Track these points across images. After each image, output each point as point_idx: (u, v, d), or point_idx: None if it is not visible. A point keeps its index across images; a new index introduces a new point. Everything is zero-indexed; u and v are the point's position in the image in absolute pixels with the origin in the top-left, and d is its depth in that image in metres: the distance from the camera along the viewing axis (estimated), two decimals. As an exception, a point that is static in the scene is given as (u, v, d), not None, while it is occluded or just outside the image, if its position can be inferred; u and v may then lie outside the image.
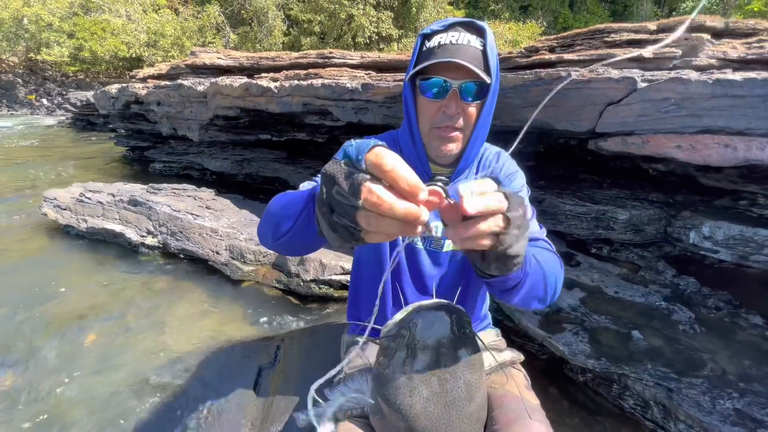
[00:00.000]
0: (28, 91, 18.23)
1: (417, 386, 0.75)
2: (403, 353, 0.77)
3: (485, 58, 0.82)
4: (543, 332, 1.78)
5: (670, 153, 1.49)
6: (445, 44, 0.81)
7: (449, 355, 0.77)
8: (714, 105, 1.36)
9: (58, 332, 2.24)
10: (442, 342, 0.77)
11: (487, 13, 15.99)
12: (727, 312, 2.02)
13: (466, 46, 0.81)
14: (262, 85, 2.96)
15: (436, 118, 0.87)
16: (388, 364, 0.78)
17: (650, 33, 2.17)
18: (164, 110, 4.79)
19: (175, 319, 2.38)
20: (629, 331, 1.78)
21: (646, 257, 2.59)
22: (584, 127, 1.69)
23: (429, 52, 0.83)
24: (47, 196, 3.48)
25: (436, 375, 0.76)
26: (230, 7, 16.67)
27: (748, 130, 1.32)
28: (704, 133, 1.42)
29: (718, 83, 1.34)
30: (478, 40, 0.82)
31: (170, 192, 3.26)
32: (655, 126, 1.52)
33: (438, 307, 0.78)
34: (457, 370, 0.77)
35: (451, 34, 0.81)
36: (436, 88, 0.83)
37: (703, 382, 1.48)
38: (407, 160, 1.01)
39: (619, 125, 1.60)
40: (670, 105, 1.44)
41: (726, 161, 1.37)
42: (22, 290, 2.64)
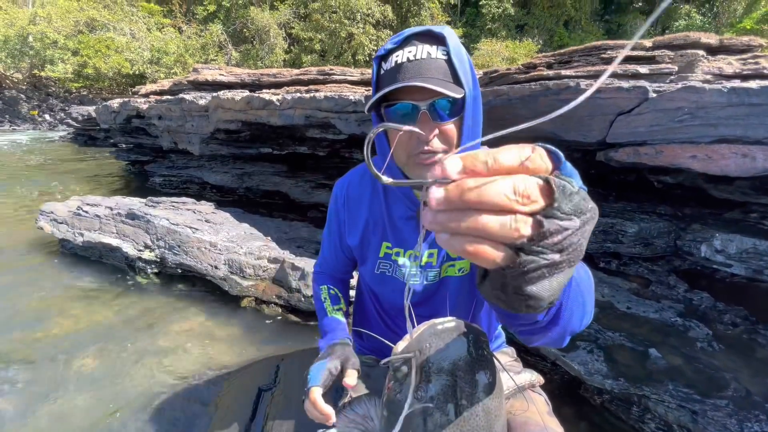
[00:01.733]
0: (31, 107, 18.38)
1: (432, 414, 0.68)
2: (416, 377, 0.70)
3: (452, 68, 0.73)
4: (556, 351, 1.70)
5: (685, 163, 1.45)
6: (402, 63, 0.73)
7: (466, 379, 0.70)
8: (730, 114, 1.33)
9: (50, 354, 2.15)
10: (458, 365, 0.70)
11: (485, 32, 16.30)
12: (744, 328, 1.95)
13: (426, 60, 0.72)
14: (264, 98, 2.94)
15: (411, 146, 0.77)
16: (399, 389, 0.72)
17: (646, 50, 2.18)
18: (165, 124, 4.79)
19: (172, 341, 2.29)
20: (646, 348, 1.71)
21: (656, 271, 2.53)
22: (594, 137, 1.65)
23: (388, 75, 0.75)
24: (44, 209, 3.42)
25: (452, 401, 0.69)
26: (232, 25, 17.00)
27: (766, 139, 1.28)
28: (720, 142, 1.38)
29: (733, 92, 1.31)
30: (440, 49, 0.73)
31: (169, 205, 3.20)
32: (669, 136, 1.48)
33: (453, 326, 0.72)
34: (474, 396, 0.70)
35: (408, 50, 0.73)
36: (402, 113, 0.74)
37: (728, 404, 1.40)
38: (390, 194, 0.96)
39: (631, 135, 1.57)
40: (684, 114, 1.40)
41: (744, 171, 1.32)
42: (13, 310, 2.56)
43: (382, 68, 0.77)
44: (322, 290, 1.06)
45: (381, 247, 0.97)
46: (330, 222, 1.06)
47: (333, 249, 1.07)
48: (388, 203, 0.95)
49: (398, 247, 0.95)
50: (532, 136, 1.87)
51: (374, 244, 0.98)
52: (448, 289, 0.97)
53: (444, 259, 0.94)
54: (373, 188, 0.97)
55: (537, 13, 16.57)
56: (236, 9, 16.69)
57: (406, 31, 0.76)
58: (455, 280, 0.96)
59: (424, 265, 0.95)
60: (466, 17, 17.97)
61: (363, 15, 14.61)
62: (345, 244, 1.02)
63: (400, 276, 0.97)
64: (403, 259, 0.95)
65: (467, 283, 0.96)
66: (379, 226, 0.96)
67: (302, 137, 3.88)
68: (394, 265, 0.97)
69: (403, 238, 0.94)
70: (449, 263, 0.95)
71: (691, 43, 2.05)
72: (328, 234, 1.08)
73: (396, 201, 0.93)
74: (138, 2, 18.03)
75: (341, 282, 1.12)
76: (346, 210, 1.00)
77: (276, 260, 2.56)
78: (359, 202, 0.98)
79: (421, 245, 0.92)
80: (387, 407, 0.73)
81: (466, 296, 0.98)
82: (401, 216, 0.93)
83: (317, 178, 4.44)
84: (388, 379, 0.75)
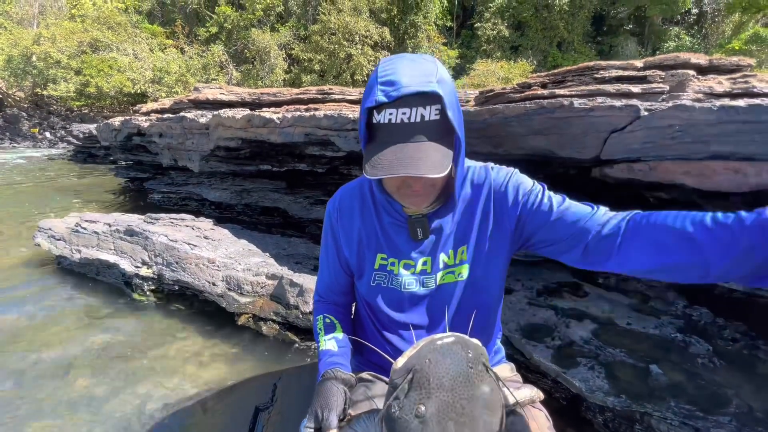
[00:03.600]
0: (32, 125, 18.54)
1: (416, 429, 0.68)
2: (416, 394, 0.70)
3: (444, 119, 0.73)
4: (557, 367, 1.68)
5: (678, 179, 1.47)
6: (396, 123, 0.72)
7: (466, 395, 0.70)
8: (720, 131, 1.37)
9: (44, 373, 2.11)
10: (458, 380, 0.70)
11: (480, 53, 16.70)
12: (744, 344, 1.94)
13: (419, 123, 0.72)
14: (264, 117, 2.99)
15: (401, 190, 0.81)
16: (398, 406, 0.71)
17: (637, 70, 2.24)
18: (166, 141, 4.83)
19: (168, 360, 2.27)
20: (647, 365, 1.70)
21: (654, 287, 2.53)
22: (589, 154, 1.68)
23: (381, 130, 0.75)
24: (42, 226, 3.42)
25: (452, 419, 0.68)
26: (234, 46, 17.38)
27: (757, 155, 1.31)
28: (713, 159, 1.41)
29: (722, 110, 1.35)
30: (434, 108, 0.72)
31: (168, 222, 3.20)
32: (662, 152, 1.51)
33: (452, 341, 0.72)
34: (475, 412, 0.70)
35: (402, 111, 0.71)
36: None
37: (731, 420, 1.39)
38: (379, 205, 0.97)
39: (625, 152, 1.60)
40: (676, 131, 1.44)
41: (737, 187, 1.35)
42: (7, 328, 2.53)
43: (375, 118, 0.75)
44: (318, 321, 1.05)
45: (376, 259, 0.98)
46: (326, 240, 1.05)
47: (331, 269, 1.06)
48: (379, 214, 0.96)
49: (393, 257, 0.96)
50: (528, 154, 1.90)
51: (369, 256, 0.98)
52: (445, 296, 0.97)
53: (441, 267, 0.95)
54: (363, 201, 0.98)
55: (531, 35, 17.02)
56: (238, 31, 17.09)
57: (400, 86, 0.72)
58: (453, 286, 0.97)
59: (418, 272, 0.96)
60: (462, 39, 18.46)
61: (361, 37, 14.99)
62: (343, 257, 1.02)
63: (396, 286, 0.97)
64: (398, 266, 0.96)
65: (466, 289, 0.97)
66: (373, 238, 0.97)
67: (301, 154, 3.92)
68: (389, 276, 0.97)
69: (397, 248, 0.95)
70: (447, 270, 0.96)
71: (681, 64, 2.12)
72: (325, 253, 1.07)
73: (386, 215, 0.95)
74: (141, 24, 18.45)
75: (342, 307, 1.10)
76: (340, 225, 1.00)
77: (274, 276, 2.56)
78: (351, 216, 0.99)
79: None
80: (386, 425, 0.72)
81: (464, 303, 0.98)
82: (393, 228, 0.95)
83: (316, 194, 4.46)
84: (386, 395, 0.75)
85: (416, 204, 0.86)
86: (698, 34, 18.48)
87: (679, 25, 18.93)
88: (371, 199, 0.97)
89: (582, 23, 17.09)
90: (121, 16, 17.34)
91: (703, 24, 18.63)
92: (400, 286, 0.96)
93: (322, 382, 0.89)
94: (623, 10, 18.05)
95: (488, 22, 16.73)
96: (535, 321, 2.10)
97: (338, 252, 1.03)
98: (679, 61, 2.14)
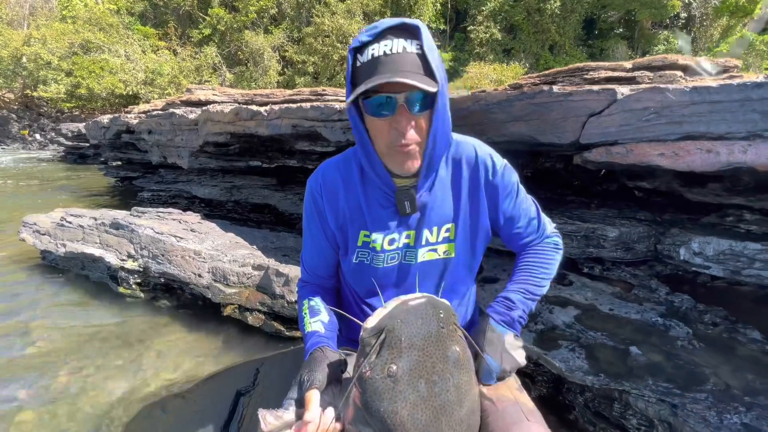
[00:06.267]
0: (21, 126, 18.34)
1: (402, 391, 0.67)
2: (387, 354, 0.69)
3: (425, 61, 0.76)
4: (538, 349, 1.70)
5: (654, 161, 1.50)
6: (379, 56, 0.76)
7: (437, 355, 0.70)
8: (693, 111, 1.39)
9: (26, 369, 2.08)
10: (429, 340, 0.70)
11: (473, 56, 16.84)
12: (724, 328, 1.96)
13: (402, 54, 0.75)
14: (252, 109, 3.00)
15: (391, 137, 0.83)
16: (370, 366, 0.71)
17: (626, 71, 2.28)
18: (155, 138, 4.81)
19: (154, 352, 2.25)
20: (627, 347, 1.71)
21: (638, 276, 2.55)
22: (568, 138, 1.71)
23: (365, 68, 0.78)
24: (27, 221, 3.38)
25: (423, 377, 0.68)
26: (227, 48, 17.36)
27: (728, 134, 1.34)
28: (686, 139, 1.44)
29: (695, 91, 1.37)
30: (414, 43, 0.76)
31: (154, 215, 3.18)
32: (638, 135, 1.54)
33: (423, 302, 0.72)
34: (445, 371, 0.70)
35: (384, 44, 0.76)
36: (381, 105, 0.79)
37: (707, 397, 1.40)
38: (367, 177, 0.98)
39: (603, 135, 1.63)
40: (651, 113, 1.47)
41: (710, 166, 1.38)
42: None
43: (358, 60, 0.79)
44: (303, 305, 1.02)
45: (359, 236, 0.98)
46: (310, 216, 1.04)
47: (316, 245, 1.05)
48: (365, 189, 0.96)
49: (376, 232, 0.96)
50: (508, 140, 1.93)
51: (352, 233, 0.98)
52: (426, 272, 0.98)
53: (423, 243, 0.96)
54: (349, 176, 0.98)
55: (523, 38, 17.21)
56: (231, 32, 17.08)
57: (381, 23, 0.78)
58: (433, 263, 0.98)
59: (401, 246, 0.96)
60: (455, 42, 18.60)
61: (355, 38, 15.02)
62: (330, 231, 1.01)
63: (378, 263, 0.98)
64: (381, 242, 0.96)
65: (447, 267, 0.98)
66: (357, 214, 0.97)
67: (291, 150, 3.92)
68: (371, 253, 0.97)
69: (381, 224, 0.96)
70: (429, 247, 0.96)
71: (669, 65, 2.16)
72: (309, 231, 1.05)
73: (374, 188, 0.95)
74: (133, 25, 18.38)
75: (328, 292, 1.09)
76: (326, 200, 0.99)
77: (260, 267, 2.55)
78: (336, 191, 0.98)
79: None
80: (359, 385, 0.72)
81: (443, 280, 0.98)
82: (379, 202, 0.95)
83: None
84: (358, 356, 0.75)
85: (410, 165, 0.86)
86: (687, 37, 18.80)
87: (669, 29, 19.24)
88: (358, 174, 0.97)
89: (573, 27, 17.31)
90: (112, 17, 17.25)
91: (692, 27, 18.96)
92: (383, 262, 0.97)
93: (307, 363, 0.87)
94: (613, 14, 18.30)
95: (481, 26, 16.89)
96: (519, 308, 2.11)
97: (324, 227, 1.01)
98: (667, 62, 2.19)
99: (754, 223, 2.25)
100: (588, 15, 17.73)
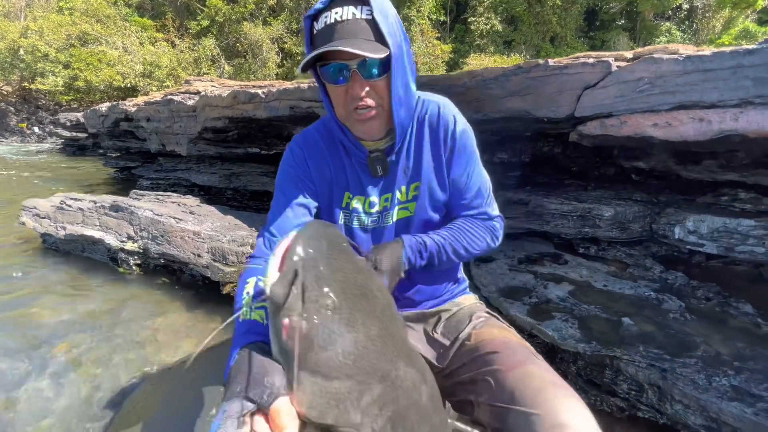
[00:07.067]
0: (19, 119, 18.28)
1: (350, 315, 0.59)
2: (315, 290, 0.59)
3: (375, 27, 0.78)
4: (532, 320, 1.72)
5: (647, 132, 1.51)
6: (330, 24, 0.78)
7: (354, 268, 0.65)
8: (686, 81, 1.41)
9: (27, 348, 2.10)
10: (342, 258, 0.64)
11: (474, 48, 16.75)
12: (717, 302, 1.99)
13: (351, 21, 0.77)
14: (249, 92, 3.00)
15: (348, 102, 0.85)
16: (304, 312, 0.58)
17: (626, 60, 2.29)
18: (153, 126, 4.81)
19: (153, 330, 2.27)
20: (619, 318, 1.74)
21: (633, 255, 2.58)
22: (563, 112, 1.72)
23: (320, 36, 0.80)
24: (26, 205, 3.39)
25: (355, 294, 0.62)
26: (225, 40, 17.24)
27: (720, 102, 1.35)
28: (679, 109, 1.45)
29: (688, 59, 1.38)
30: (364, 9, 0.77)
31: (154, 198, 3.20)
32: (632, 106, 1.55)
33: (313, 225, 0.67)
34: (368, 281, 0.65)
35: (335, 11, 0.77)
36: (335, 73, 0.81)
37: (697, 362, 1.43)
38: (340, 143, 0.98)
39: (597, 108, 1.64)
40: (645, 84, 1.48)
41: (702, 135, 1.39)
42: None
43: (315, 28, 0.81)
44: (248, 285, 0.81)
45: (344, 197, 1.00)
46: (287, 178, 1.00)
47: (288, 207, 0.97)
48: (346, 153, 0.98)
49: (357, 195, 0.99)
50: (505, 116, 1.94)
51: (337, 194, 1.00)
52: (402, 231, 1.01)
53: (396, 203, 0.98)
54: (331, 140, 0.99)
55: (524, 29, 17.10)
56: (229, 24, 16.95)
57: None
58: (407, 221, 1.01)
59: (381, 210, 0.99)
60: (456, 33, 18.48)
61: (354, 30, 14.91)
62: (311, 189, 0.99)
63: (359, 225, 1.00)
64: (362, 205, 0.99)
65: (418, 224, 1.01)
66: (341, 177, 0.99)
67: (289, 136, 3.92)
68: (353, 214, 1.00)
69: (361, 187, 0.98)
70: (401, 206, 0.99)
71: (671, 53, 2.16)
72: (283, 194, 0.99)
73: (351, 152, 0.97)
74: (131, 17, 18.24)
75: None
76: (310, 160, 0.99)
77: (259, 247, 2.57)
78: (320, 153, 0.99)
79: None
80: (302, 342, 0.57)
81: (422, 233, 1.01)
82: (357, 166, 0.98)
83: (305, 178, 4.46)
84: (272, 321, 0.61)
85: (371, 129, 0.88)
86: (689, 29, 18.69)
87: (670, 20, 19.12)
88: (339, 138, 0.97)
89: (574, 18, 17.20)
90: (110, 8, 17.11)
91: (694, 19, 18.84)
92: (364, 224, 1.00)
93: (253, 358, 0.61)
94: (615, 6, 18.18)
95: (481, 17, 16.77)
96: (514, 284, 2.14)
97: (305, 187, 0.99)
98: (667, 52, 2.19)
99: (748, 201, 2.27)
100: (589, 6, 17.61)
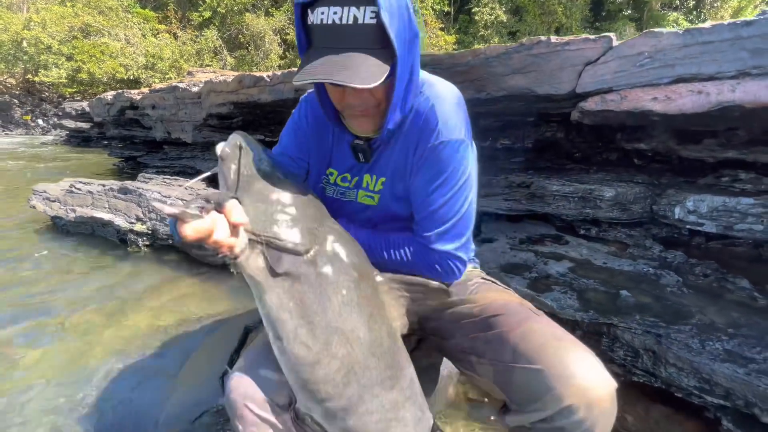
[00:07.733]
0: (24, 112, 18.36)
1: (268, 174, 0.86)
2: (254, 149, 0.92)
3: (381, 30, 0.67)
4: (531, 292, 1.77)
5: (647, 106, 1.54)
6: (327, 25, 0.68)
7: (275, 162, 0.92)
8: (685, 54, 1.43)
9: (40, 314, 2.16)
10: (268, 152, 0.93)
11: (477, 38, 16.63)
12: (714, 278, 2.03)
13: (352, 26, 0.67)
14: (254, 75, 3.03)
15: (342, 105, 0.82)
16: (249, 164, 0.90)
17: None
18: (159, 113, 4.86)
19: (164, 301, 2.33)
20: (617, 291, 1.78)
21: (634, 236, 2.61)
22: (565, 89, 1.75)
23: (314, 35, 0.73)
24: (36, 189, 3.46)
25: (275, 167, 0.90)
26: (228, 31, 17.20)
27: (718, 74, 1.38)
28: (678, 82, 1.48)
29: (688, 33, 1.41)
30: (369, 10, 0.66)
31: (161, 181, 3.25)
32: (632, 80, 1.58)
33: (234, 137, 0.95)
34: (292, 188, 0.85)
35: (333, 10, 0.67)
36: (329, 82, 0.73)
37: (691, 329, 1.48)
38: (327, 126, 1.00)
39: (598, 83, 1.67)
40: (645, 58, 1.50)
41: (700, 107, 1.42)
42: (1, 283, 2.57)
43: (309, 18, 0.71)
44: None
45: (326, 168, 1.04)
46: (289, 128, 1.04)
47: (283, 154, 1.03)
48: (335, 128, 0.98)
49: (334, 167, 1.02)
50: (507, 94, 1.97)
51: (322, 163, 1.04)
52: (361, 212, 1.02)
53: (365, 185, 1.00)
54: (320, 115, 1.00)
55: (529, 20, 16.94)
56: (231, 15, 16.89)
57: None
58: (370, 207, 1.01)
59: (351, 186, 1.01)
60: (459, 24, 18.34)
61: (357, 20, 14.82)
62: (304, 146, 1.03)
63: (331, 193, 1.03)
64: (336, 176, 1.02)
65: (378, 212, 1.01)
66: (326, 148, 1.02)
67: (293, 122, 3.96)
68: (336, 189, 1.03)
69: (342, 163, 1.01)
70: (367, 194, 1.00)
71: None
72: (282, 140, 1.05)
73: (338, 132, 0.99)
74: (133, 8, 18.20)
75: None
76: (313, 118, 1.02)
77: (265, 227, 2.62)
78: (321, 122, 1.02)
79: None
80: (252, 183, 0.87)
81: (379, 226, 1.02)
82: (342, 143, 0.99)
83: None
84: (222, 176, 0.92)
85: (363, 126, 0.87)
86: (697, 19, 18.45)
87: (678, 10, 18.88)
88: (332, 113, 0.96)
89: (580, 8, 17.01)
90: (112, 0, 17.08)
91: (702, 9, 18.59)
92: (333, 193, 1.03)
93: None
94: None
95: (486, 7, 16.62)
96: (515, 261, 2.18)
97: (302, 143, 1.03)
98: None
99: (748, 182, 2.30)
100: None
